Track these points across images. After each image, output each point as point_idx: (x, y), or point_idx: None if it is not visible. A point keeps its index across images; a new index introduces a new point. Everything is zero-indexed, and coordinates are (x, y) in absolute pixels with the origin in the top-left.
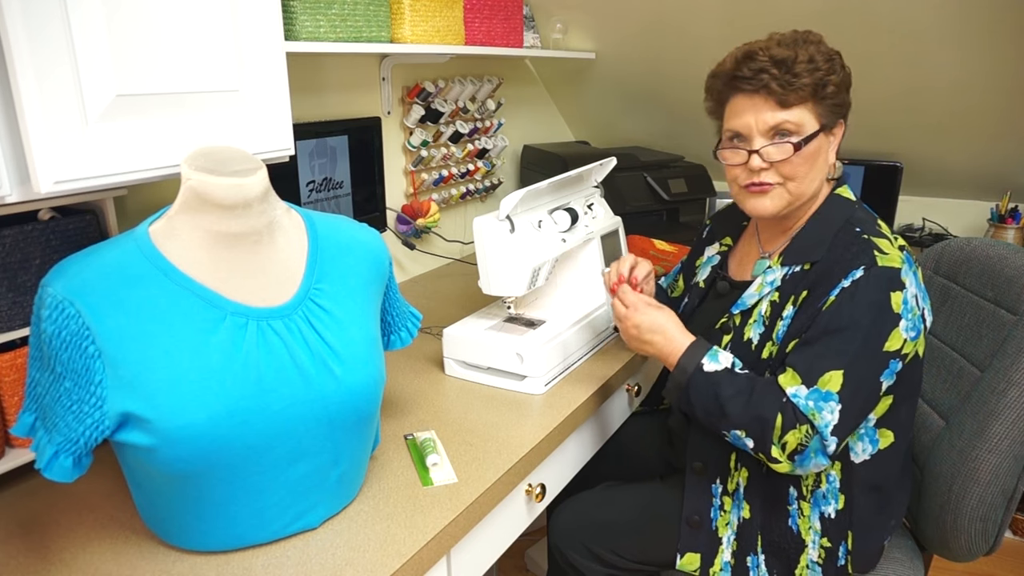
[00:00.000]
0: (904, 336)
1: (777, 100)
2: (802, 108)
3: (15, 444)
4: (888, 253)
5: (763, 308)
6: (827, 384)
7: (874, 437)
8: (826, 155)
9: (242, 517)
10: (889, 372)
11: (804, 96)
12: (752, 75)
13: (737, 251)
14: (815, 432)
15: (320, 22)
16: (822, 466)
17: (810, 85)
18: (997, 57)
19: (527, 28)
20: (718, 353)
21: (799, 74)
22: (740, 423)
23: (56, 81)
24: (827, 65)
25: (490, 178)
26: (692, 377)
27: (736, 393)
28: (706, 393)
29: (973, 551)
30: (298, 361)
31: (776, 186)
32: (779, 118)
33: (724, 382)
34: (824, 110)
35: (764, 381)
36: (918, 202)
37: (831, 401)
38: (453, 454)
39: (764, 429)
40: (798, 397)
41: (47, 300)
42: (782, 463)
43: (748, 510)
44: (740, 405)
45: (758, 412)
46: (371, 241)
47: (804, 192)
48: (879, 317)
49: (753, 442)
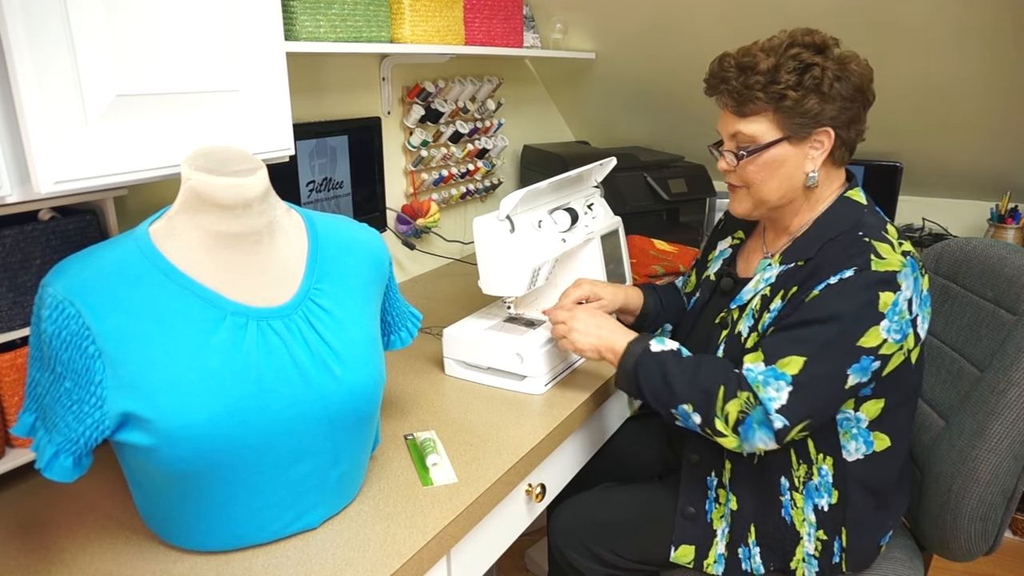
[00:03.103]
0: (884, 335)
1: (733, 110)
2: (761, 118)
3: (15, 444)
4: (887, 258)
5: (755, 302)
6: (785, 366)
7: (868, 439)
8: (796, 164)
9: (242, 517)
10: (860, 368)
11: (762, 106)
12: (715, 81)
13: (746, 248)
14: (757, 402)
15: (320, 22)
16: (769, 443)
17: (763, 98)
18: (997, 57)
19: (527, 28)
20: (664, 338)
21: (751, 86)
22: (686, 397)
23: (56, 81)
24: (793, 77)
25: (490, 178)
26: (640, 358)
27: (682, 370)
28: (654, 372)
29: (973, 551)
30: (298, 361)
31: (740, 188)
32: (736, 127)
33: (670, 360)
34: (787, 120)
35: (709, 358)
36: (918, 202)
37: (781, 380)
38: (453, 454)
39: (708, 400)
40: (751, 371)
41: (47, 300)
42: (727, 436)
43: (736, 501)
44: (686, 380)
45: (702, 385)
46: (371, 241)
47: (766, 198)
48: (861, 312)
49: (700, 416)
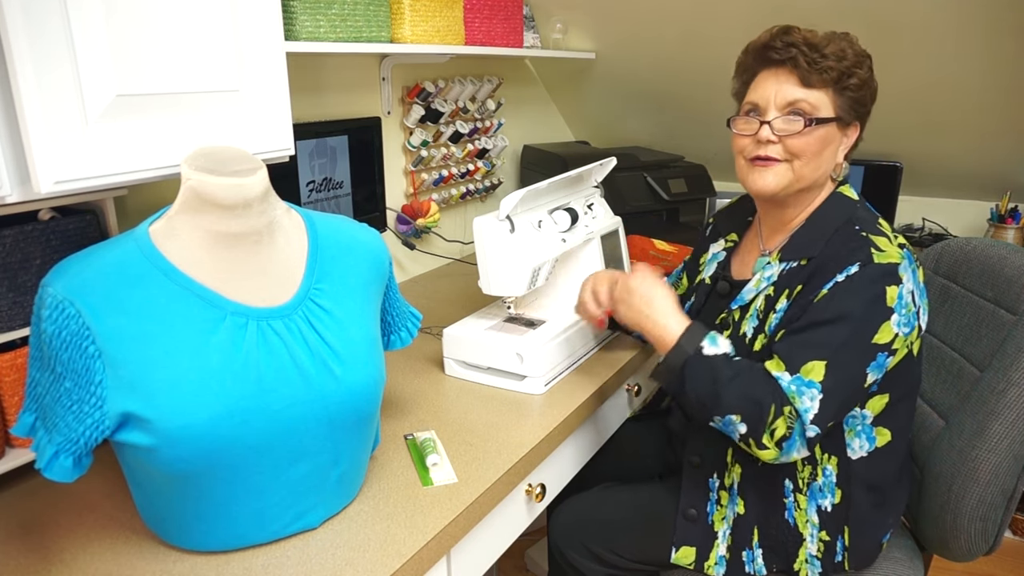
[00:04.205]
0: (895, 330)
1: (800, 77)
2: (822, 92)
3: (15, 444)
4: (885, 251)
5: (759, 303)
6: (809, 373)
7: (871, 435)
8: (836, 149)
9: (242, 517)
10: (876, 365)
11: (827, 81)
12: (783, 47)
13: (741, 249)
14: (797, 416)
15: (320, 22)
16: (803, 452)
17: (835, 70)
18: (997, 56)
19: (527, 28)
20: (717, 337)
21: (827, 56)
22: (735, 407)
23: (56, 81)
24: (856, 60)
25: (490, 178)
26: (690, 359)
27: (734, 376)
28: (703, 377)
29: (973, 551)
30: (298, 361)
31: (781, 162)
32: (798, 95)
33: (722, 366)
34: (844, 102)
35: (757, 367)
36: (918, 202)
37: (813, 388)
38: (453, 454)
39: (761, 413)
40: (782, 380)
41: (47, 300)
42: (769, 450)
43: (743, 505)
44: (737, 391)
45: (754, 396)
46: (371, 241)
47: (806, 176)
48: (871, 309)
49: (746, 427)
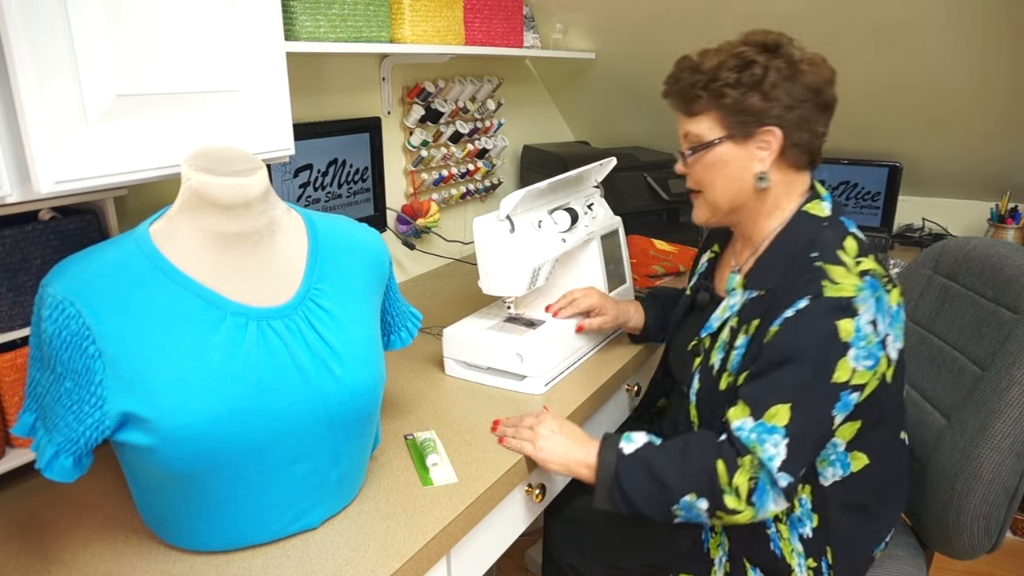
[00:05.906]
0: (853, 366)
1: (682, 109)
2: (705, 116)
3: (15, 444)
4: (839, 283)
5: (724, 334)
6: (773, 418)
7: (845, 461)
8: (741, 165)
9: (242, 517)
10: (842, 405)
11: (707, 103)
12: (668, 83)
13: (721, 262)
14: (761, 465)
15: (320, 22)
16: (781, 504)
17: (706, 89)
18: (997, 56)
19: (527, 28)
20: (631, 435)
21: (694, 84)
22: (685, 487)
23: (56, 81)
24: (732, 75)
25: (490, 178)
26: (618, 466)
27: (668, 460)
28: (639, 475)
29: (975, 549)
30: (298, 361)
31: (698, 193)
32: (686, 127)
33: (652, 455)
34: (729, 119)
35: (693, 437)
36: (918, 202)
37: (776, 435)
38: (453, 454)
39: (711, 480)
40: (742, 430)
41: (47, 300)
42: (741, 510)
43: (728, 541)
44: (677, 470)
45: (698, 466)
46: (371, 241)
47: (716, 201)
48: (824, 347)
49: (707, 501)
